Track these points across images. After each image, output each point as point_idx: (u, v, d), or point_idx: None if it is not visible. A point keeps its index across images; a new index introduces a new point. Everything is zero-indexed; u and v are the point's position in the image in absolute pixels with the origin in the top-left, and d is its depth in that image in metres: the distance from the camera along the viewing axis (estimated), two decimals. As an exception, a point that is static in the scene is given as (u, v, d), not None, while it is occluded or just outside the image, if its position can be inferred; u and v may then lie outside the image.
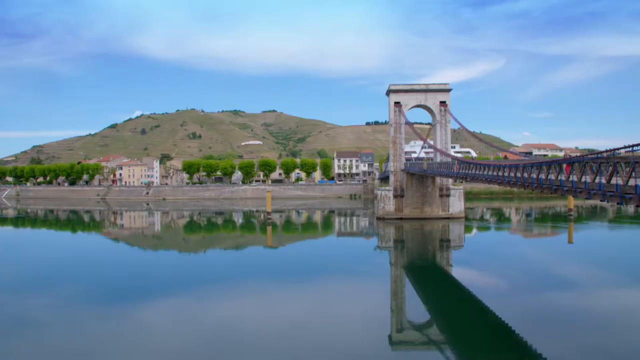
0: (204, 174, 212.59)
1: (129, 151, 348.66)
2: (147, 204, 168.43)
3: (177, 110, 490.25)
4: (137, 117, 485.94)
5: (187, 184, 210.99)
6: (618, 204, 27.89)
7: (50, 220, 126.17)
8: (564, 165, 30.42)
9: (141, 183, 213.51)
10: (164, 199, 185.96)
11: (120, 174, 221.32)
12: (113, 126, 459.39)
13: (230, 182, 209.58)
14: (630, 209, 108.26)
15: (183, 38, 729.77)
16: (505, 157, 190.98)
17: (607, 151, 28.40)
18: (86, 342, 29.96)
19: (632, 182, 25.94)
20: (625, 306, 37.41)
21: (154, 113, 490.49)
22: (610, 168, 27.86)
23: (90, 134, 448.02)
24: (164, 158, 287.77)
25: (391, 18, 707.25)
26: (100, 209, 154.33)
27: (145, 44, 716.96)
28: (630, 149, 24.44)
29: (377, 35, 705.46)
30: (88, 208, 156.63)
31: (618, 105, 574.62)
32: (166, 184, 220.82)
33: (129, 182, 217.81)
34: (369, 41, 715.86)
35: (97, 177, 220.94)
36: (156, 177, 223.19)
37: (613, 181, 27.90)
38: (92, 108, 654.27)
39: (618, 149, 26.33)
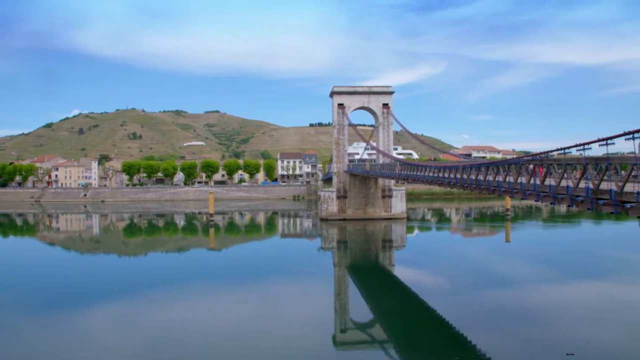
0: (145, 175, 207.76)
1: (66, 151, 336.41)
2: (85, 207, 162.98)
3: (117, 110, 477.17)
4: (75, 116, 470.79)
5: (127, 185, 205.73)
6: (551, 203, 28.98)
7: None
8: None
9: (78, 185, 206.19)
10: (102, 201, 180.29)
11: (56, 175, 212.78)
12: (49, 125, 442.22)
13: (171, 184, 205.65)
14: (562, 208, 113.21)
15: (124, 35, 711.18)
16: (435, 159, 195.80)
17: (541, 153, 29.49)
18: (22, 352, 28.56)
19: (563, 183, 27.03)
20: (559, 300, 38.95)
21: (93, 112, 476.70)
22: (544, 170, 28.94)
23: (23, 134, 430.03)
24: (103, 159, 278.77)
25: (338, 20, 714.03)
26: (35, 212, 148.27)
27: (85, 41, 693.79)
28: (562, 151, 25.41)
29: (323, 37, 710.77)
30: (21, 211, 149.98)
31: (553, 109, 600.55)
32: (105, 185, 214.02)
33: (66, 183, 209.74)
34: (315, 43, 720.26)
35: (31, 178, 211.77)
36: (94, 179, 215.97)
37: (547, 182, 29.01)
38: (26, 106, 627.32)
39: (551, 151, 27.33)
